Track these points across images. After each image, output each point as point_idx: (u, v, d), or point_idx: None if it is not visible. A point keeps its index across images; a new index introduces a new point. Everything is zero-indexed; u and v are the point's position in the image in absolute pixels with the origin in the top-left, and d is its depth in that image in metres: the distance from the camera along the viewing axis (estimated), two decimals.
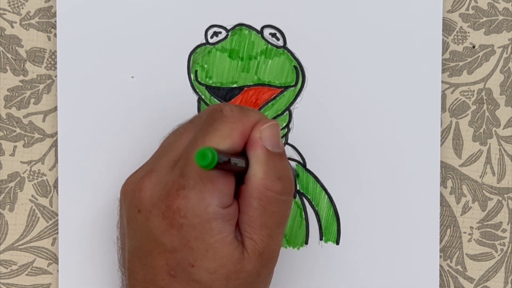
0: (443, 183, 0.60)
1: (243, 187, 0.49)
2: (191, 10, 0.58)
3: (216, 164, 0.44)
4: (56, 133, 0.59)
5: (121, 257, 0.53)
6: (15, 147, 0.59)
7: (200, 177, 0.48)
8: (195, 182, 0.48)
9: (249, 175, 0.49)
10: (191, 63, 0.59)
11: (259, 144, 0.49)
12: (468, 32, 0.60)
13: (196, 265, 0.48)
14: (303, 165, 0.59)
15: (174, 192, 0.48)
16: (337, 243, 0.59)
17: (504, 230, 0.60)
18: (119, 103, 0.58)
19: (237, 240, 0.49)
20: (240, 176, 0.50)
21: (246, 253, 0.49)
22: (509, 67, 0.60)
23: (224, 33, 0.59)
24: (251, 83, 0.59)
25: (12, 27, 0.59)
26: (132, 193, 0.50)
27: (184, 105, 0.58)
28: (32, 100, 0.59)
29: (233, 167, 0.48)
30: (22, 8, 0.59)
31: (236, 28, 0.59)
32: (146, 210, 0.49)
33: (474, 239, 0.60)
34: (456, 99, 0.60)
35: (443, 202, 0.60)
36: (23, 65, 0.59)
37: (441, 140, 0.59)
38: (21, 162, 0.59)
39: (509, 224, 0.60)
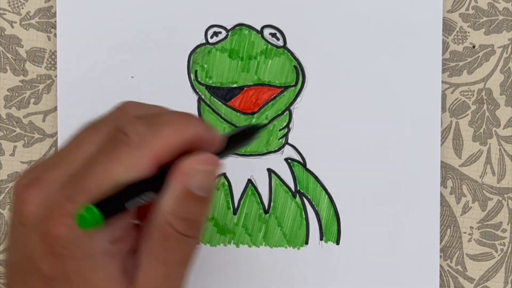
0: (443, 183, 0.60)
1: (149, 211, 0.44)
2: (191, 10, 0.58)
3: (104, 219, 0.40)
4: (56, 133, 0.59)
5: (5, 264, 0.47)
6: (15, 147, 0.59)
7: None
8: None
9: (160, 203, 0.43)
10: (191, 63, 0.59)
11: (183, 181, 0.43)
12: (468, 32, 0.60)
13: None
14: (303, 165, 0.59)
15: (57, 217, 0.42)
16: (337, 243, 0.59)
17: (504, 230, 0.60)
18: None
19: (127, 276, 0.43)
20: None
21: None
22: (509, 67, 0.60)
23: (224, 33, 0.59)
24: (251, 83, 0.59)
25: (12, 27, 0.59)
26: (17, 201, 0.44)
27: (184, 105, 0.58)
28: (32, 100, 0.59)
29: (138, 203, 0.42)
30: (22, 8, 0.59)
31: (236, 28, 0.59)
32: (28, 227, 0.43)
33: (474, 239, 0.60)
34: (456, 99, 0.60)
35: (443, 202, 0.60)
36: (23, 65, 0.59)
37: (441, 140, 0.59)
38: (21, 162, 0.59)
39: (509, 224, 0.60)
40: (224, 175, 0.59)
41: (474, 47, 0.60)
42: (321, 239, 0.59)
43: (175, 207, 0.43)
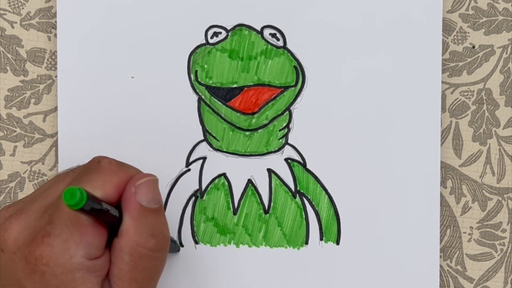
0: (443, 183, 0.60)
1: (116, 240, 0.49)
2: (191, 10, 0.58)
3: (84, 205, 0.43)
4: (56, 133, 0.59)
5: None
6: (15, 147, 0.59)
7: (68, 226, 0.47)
8: (61, 231, 0.47)
9: (122, 229, 0.48)
10: (191, 63, 0.59)
11: (133, 199, 0.48)
12: (468, 32, 0.60)
13: None
14: (303, 165, 0.59)
15: (39, 238, 0.47)
16: (337, 243, 0.59)
17: (504, 230, 0.60)
18: (119, 103, 0.58)
19: None
20: (114, 228, 0.49)
21: None
22: (509, 67, 0.60)
23: (224, 33, 0.59)
24: (251, 83, 0.59)
25: (13, 27, 0.59)
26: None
27: (184, 105, 0.58)
28: (32, 100, 0.59)
29: (104, 216, 0.47)
30: (23, 8, 0.59)
31: (236, 28, 0.59)
32: (10, 252, 0.48)
33: (474, 239, 0.60)
34: (456, 99, 0.60)
35: (443, 202, 0.60)
36: (23, 65, 0.59)
37: (441, 140, 0.59)
38: (21, 162, 0.59)
39: (509, 224, 0.60)
40: (224, 175, 0.59)
41: (474, 47, 0.60)
42: (321, 239, 0.59)
43: (138, 226, 0.48)
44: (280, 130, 0.59)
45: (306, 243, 0.59)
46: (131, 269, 0.48)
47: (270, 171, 0.59)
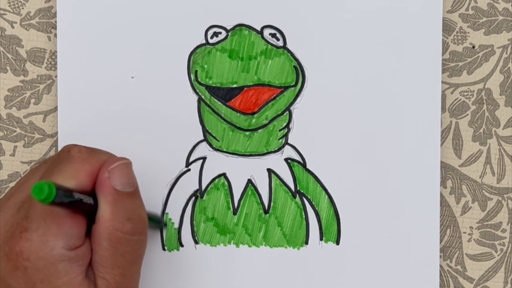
0: (443, 183, 0.60)
1: (94, 227, 0.49)
2: (191, 10, 0.58)
3: (54, 198, 0.43)
4: (56, 133, 0.59)
5: None
6: (15, 147, 0.59)
7: (44, 219, 0.47)
8: (38, 225, 0.47)
9: (98, 216, 0.48)
10: (191, 63, 0.59)
11: (107, 184, 0.48)
12: (468, 32, 0.60)
13: None
14: (303, 165, 0.59)
15: (17, 234, 0.47)
16: (337, 243, 0.59)
17: (504, 230, 0.60)
18: (119, 103, 0.58)
19: (89, 279, 0.48)
20: (92, 215, 0.49)
21: None
22: (508, 67, 0.60)
23: (224, 33, 0.59)
24: (251, 83, 0.59)
25: (12, 27, 0.59)
26: None
27: (184, 105, 0.58)
28: (32, 100, 0.59)
29: (78, 205, 0.47)
30: (22, 8, 0.59)
31: (236, 28, 0.59)
32: None
33: (474, 239, 0.60)
34: (456, 99, 0.60)
35: (443, 202, 0.60)
36: (23, 65, 0.59)
37: (441, 140, 0.59)
38: (21, 162, 0.59)
39: (509, 224, 0.60)
40: (224, 175, 0.59)
41: (474, 47, 0.60)
42: (321, 239, 0.59)
43: (114, 211, 0.48)
44: (280, 130, 0.59)
45: (306, 243, 0.59)
46: (111, 255, 0.48)
47: (270, 171, 0.59)
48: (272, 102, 0.59)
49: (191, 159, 0.59)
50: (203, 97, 0.59)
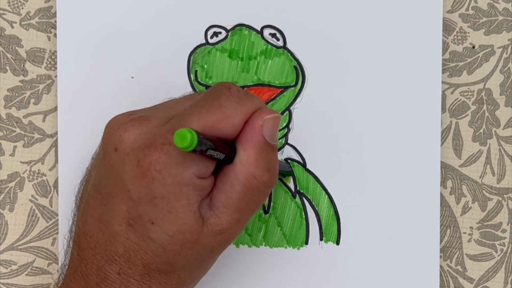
0: (443, 183, 0.60)
1: (230, 167, 0.48)
2: (191, 10, 0.58)
3: (194, 149, 0.43)
4: (56, 133, 0.59)
5: (81, 189, 0.52)
6: (15, 147, 0.59)
7: None
8: None
9: (240, 159, 0.48)
10: (191, 63, 0.59)
11: (259, 132, 0.48)
12: (468, 33, 0.60)
13: (156, 223, 0.47)
14: (303, 165, 0.59)
15: (158, 144, 0.47)
16: (337, 243, 0.59)
17: (504, 231, 0.60)
18: (119, 103, 0.58)
19: (200, 212, 0.48)
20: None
21: (206, 227, 0.48)
22: (509, 68, 0.60)
23: (224, 33, 0.59)
24: (251, 83, 0.59)
25: (12, 27, 0.59)
26: (116, 130, 0.49)
27: None
28: (32, 100, 0.59)
29: (214, 154, 0.46)
30: (22, 8, 0.59)
31: (236, 28, 0.59)
32: (124, 152, 0.48)
33: (474, 239, 0.60)
34: (456, 99, 0.60)
35: (443, 202, 0.60)
36: (23, 65, 0.59)
37: (441, 140, 0.59)
38: (21, 162, 0.59)
39: (509, 224, 0.60)
40: None
41: (474, 47, 0.60)
42: (321, 239, 0.59)
43: (258, 159, 0.48)
44: (280, 130, 0.59)
45: (306, 243, 0.59)
46: (239, 199, 0.48)
47: None
48: (272, 102, 0.59)
49: None
50: None
